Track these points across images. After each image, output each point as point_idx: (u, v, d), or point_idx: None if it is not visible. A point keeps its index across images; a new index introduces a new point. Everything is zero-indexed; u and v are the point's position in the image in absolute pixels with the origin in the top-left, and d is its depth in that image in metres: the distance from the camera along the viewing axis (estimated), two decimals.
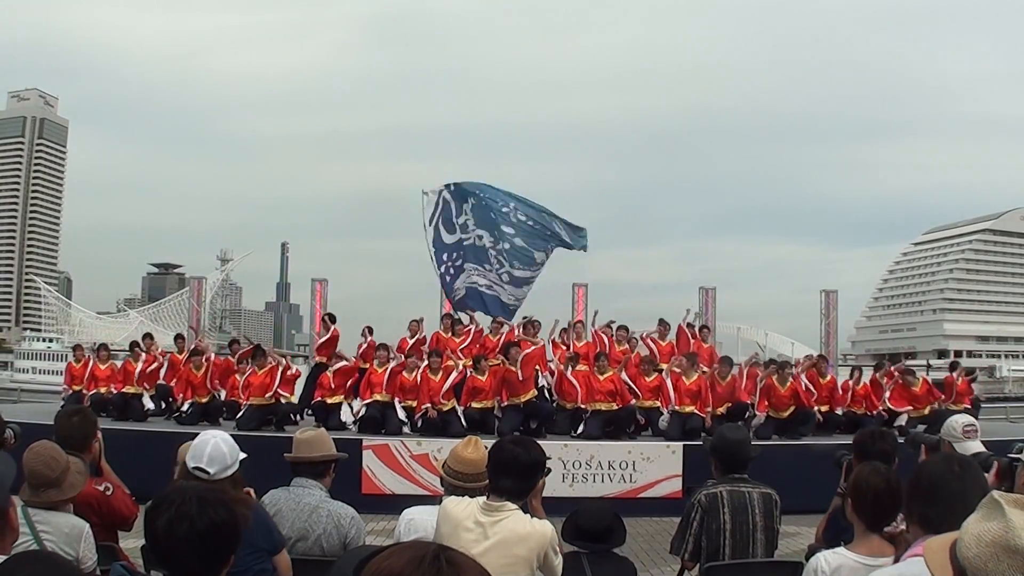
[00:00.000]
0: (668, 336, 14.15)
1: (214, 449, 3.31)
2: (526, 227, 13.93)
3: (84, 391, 13.67)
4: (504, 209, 13.94)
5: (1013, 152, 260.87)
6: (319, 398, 12.38)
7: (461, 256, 14.14)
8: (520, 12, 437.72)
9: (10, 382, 48.33)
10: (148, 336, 14.82)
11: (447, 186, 14.34)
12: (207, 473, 3.25)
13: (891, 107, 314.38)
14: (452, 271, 14.17)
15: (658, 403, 12.36)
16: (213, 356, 13.70)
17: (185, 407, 12.73)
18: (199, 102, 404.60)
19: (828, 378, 13.47)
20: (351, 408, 12.42)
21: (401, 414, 11.93)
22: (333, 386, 12.34)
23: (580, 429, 11.93)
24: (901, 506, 2.84)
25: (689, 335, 14.06)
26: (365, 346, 13.58)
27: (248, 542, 2.35)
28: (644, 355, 13.25)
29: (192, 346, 14.06)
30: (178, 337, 15.10)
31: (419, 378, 12.03)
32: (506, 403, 12.07)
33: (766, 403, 12.55)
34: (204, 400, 12.81)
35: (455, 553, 1.31)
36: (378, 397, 12.02)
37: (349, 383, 12.49)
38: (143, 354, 13.88)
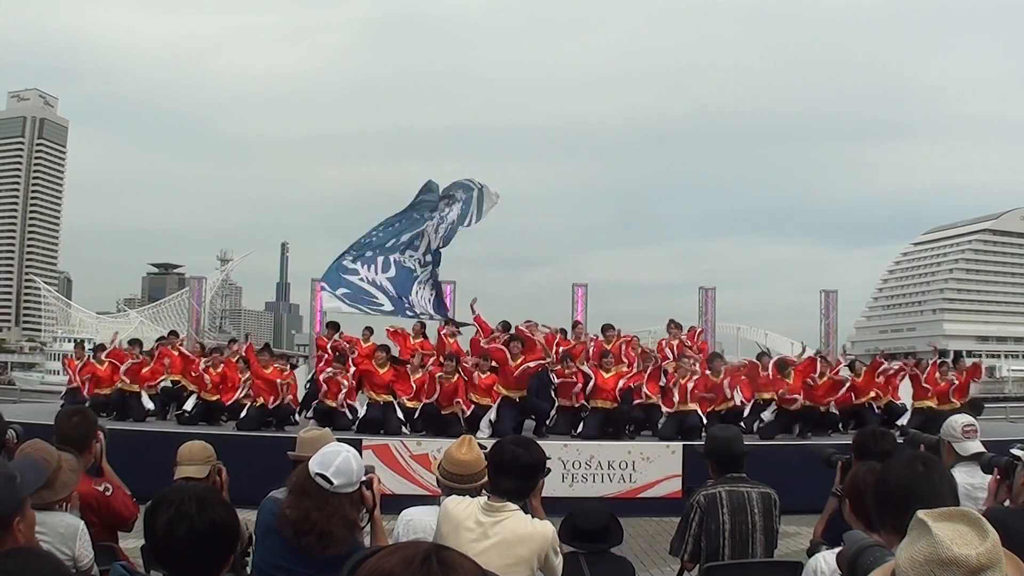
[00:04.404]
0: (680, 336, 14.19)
1: (344, 462, 3.19)
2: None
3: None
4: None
5: (1013, 152, 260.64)
6: (321, 400, 12.32)
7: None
8: (520, 13, 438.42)
9: (40, 384, 47.87)
10: (173, 333, 15.32)
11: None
12: (330, 483, 3.14)
13: (891, 107, 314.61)
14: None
15: (659, 401, 12.33)
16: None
17: (189, 406, 12.71)
18: (199, 103, 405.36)
19: (825, 378, 13.43)
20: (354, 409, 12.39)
21: (400, 414, 11.93)
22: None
23: (580, 429, 11.92)
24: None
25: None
26: (361, 348, 13.58)
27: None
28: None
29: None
30: (171, 334, 15.42)
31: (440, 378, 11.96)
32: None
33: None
34: (212, 399, 12.69)
35: (449, 553, 1.30)
36: (377, 397, 12.00)
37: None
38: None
